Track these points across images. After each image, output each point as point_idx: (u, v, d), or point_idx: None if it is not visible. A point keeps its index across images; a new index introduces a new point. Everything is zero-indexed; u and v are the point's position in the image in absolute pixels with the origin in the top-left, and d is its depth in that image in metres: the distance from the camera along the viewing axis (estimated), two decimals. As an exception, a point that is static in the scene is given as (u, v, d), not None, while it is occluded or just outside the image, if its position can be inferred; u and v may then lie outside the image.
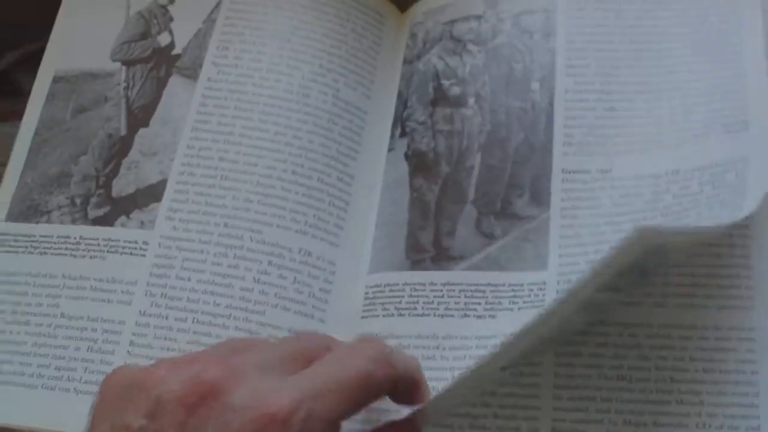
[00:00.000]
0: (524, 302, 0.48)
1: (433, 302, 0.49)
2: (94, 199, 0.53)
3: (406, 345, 0.48)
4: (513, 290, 0.49)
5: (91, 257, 0.51)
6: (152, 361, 0.40)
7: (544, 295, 0.48)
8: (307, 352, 0.40)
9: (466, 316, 0.49)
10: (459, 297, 0.49)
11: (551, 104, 0.53)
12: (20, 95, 0.59)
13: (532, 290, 0.49)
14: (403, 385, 0.41)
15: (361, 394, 0.39)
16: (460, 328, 0.48)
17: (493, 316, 0.48)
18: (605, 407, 0.45)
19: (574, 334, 0.46)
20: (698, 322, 0.46)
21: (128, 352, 0.48)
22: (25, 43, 0.61)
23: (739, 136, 0.48)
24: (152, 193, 0.52)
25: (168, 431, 0.35)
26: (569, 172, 0.51)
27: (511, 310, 0.48)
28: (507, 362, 0.45)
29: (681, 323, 0.46)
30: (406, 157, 0.54)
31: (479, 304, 0.49)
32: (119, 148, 0.55)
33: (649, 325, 0.46)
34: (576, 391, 0.46)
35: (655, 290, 0.46)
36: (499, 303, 0.49)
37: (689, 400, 0.44)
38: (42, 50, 0.58)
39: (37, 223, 0.53)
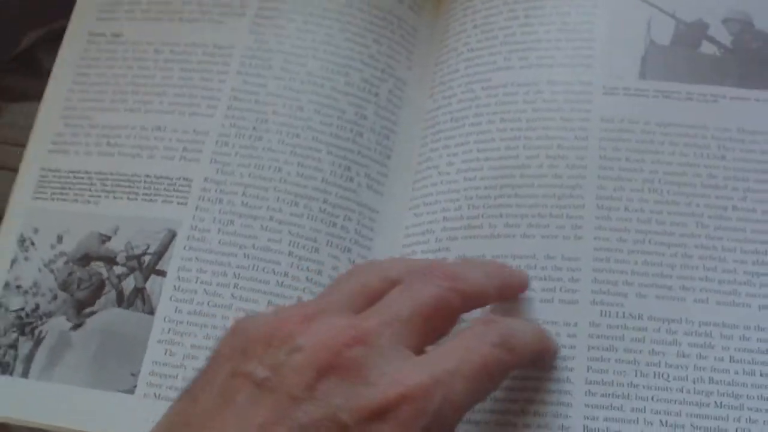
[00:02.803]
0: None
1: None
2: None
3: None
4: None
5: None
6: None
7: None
8: (430, 321, 0.40)
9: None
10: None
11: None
12: (41, 75, 0.59)
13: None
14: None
15: (487, 383, 0.39)
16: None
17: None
18: (640, 406, 0.44)
19: None
20: (740, 321, 0.45)
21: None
22: (49, 22, 0.61)
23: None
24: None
25: (294, 390, 0.35)
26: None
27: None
28: None
29: (723, 321, 0.45)
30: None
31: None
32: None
33: (689, 322, 0.46)
34: (610, 387, 0.45)
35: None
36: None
37: (729, 403, 0.44)
38: (65, 28, 0.59)
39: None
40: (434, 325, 0.40)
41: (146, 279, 0.51)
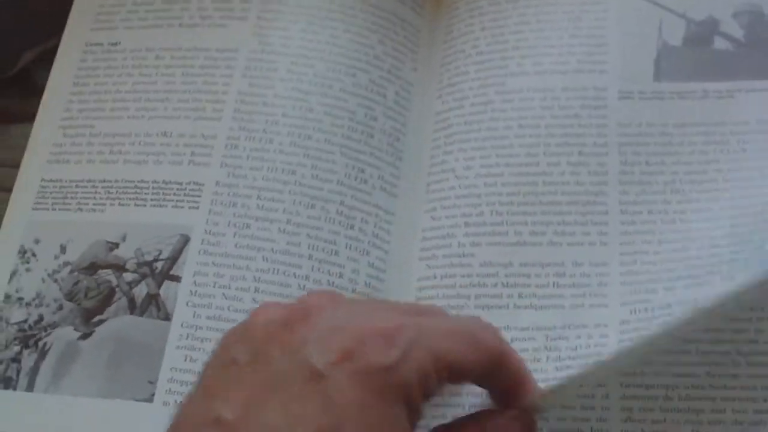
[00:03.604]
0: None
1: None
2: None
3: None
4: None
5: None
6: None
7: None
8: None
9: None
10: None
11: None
12: (38, 94, 0.58)
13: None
14: (510, 377, 0.40)
15: (469, 349, 0.37)
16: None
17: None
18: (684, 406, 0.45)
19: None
20: None
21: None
22: (43, 41, 0.60)
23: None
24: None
25: (267, 354, 0.35)
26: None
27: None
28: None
29: None
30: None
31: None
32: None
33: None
34: (648, 402, 0.45)
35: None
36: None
37: None
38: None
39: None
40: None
41: (159, 285, 0.50)
